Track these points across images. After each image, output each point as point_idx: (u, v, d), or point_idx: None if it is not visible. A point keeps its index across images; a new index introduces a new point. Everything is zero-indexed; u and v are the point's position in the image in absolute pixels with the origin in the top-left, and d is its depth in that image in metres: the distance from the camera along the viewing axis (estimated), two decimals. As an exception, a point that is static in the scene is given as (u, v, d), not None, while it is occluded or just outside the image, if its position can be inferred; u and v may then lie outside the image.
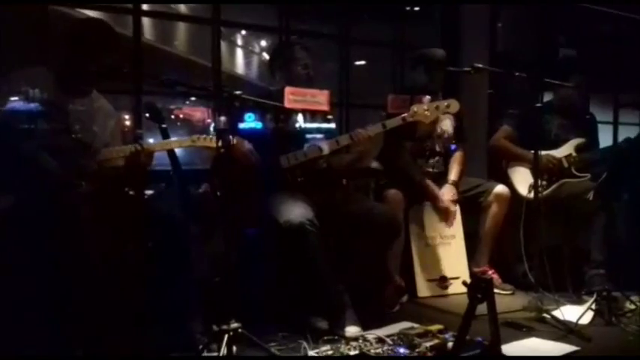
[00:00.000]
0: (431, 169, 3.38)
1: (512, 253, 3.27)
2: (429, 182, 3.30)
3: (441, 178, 3.38)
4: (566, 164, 3.47)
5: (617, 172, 3.30)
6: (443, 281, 3.34)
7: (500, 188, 3.33)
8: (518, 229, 3.14)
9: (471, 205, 3.39)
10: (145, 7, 3.49)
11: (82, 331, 2.16)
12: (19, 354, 2.08)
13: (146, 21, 9.85)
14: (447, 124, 3.43)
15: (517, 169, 3.52)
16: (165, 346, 2.28)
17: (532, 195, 3.07)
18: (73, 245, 2.13)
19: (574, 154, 3.49)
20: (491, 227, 3.34)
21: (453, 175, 3.39)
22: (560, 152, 3.50)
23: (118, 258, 2.31)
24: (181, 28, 13.82)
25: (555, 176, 3.45)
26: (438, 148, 3.42)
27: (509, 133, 3.60)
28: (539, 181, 3.11)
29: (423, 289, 3.30)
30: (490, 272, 3.32)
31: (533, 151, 3.05)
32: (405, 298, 3.17)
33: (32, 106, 2.26)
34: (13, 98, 2.25)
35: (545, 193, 3.34)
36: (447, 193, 3.31)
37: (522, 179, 3.44)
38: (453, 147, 3.49)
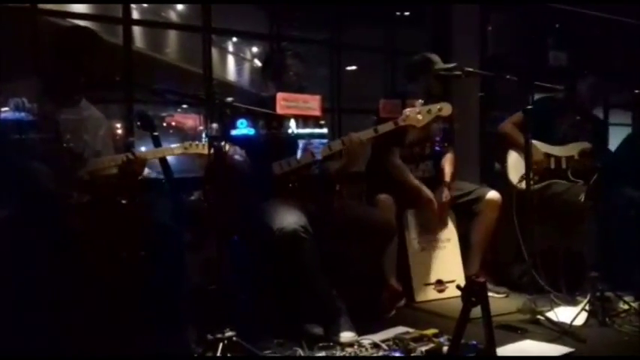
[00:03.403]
0: (422, 174, 3.37)
1: (506, 255, 3.27)
2: (423, 186, 3.28)
3: (432, 183, 3.36)
4: (564, 165, 3.45)
5: (606, 174, 3.28)
6: (439, 285, 3.34)
7: (491, 194, 3.31)
8: (512, 226, 3.06)
9: (464, 212, 3.38)
10: (135, 15, 3.48)
11: (76, 342, 2.14)
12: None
13: (137, 29, 9.84)
14: (434, 127, 3.39)
15: (515, 155, 3.48)
16: (159, 355, 2.26)
17: (522, 185, 3.04)
18: (66, 256, 2.12)
19: (576, 157, 3.46)
20: (482, 233, 3.32)
21: (446, 176, 3.39)
22: (562, 151, 3.47)
23: (111, 267, 2.29)
24: (172, 35, 13.83)
25: (548, 174, 3.43)
26: (427, 152, 3.41)
27: (519, 120, 3.43)
28: (532, 175, 3.02)
29: (420, 293, 3.30)
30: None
31: (535, 142, 3.04)
32: (402, 303, 3.16)
33: (21, 116, 2.25)
34: (3, 109, 2.24)
35: (535, 187, 3.30)
36: (440, 195, 3.30)
37: (516, 167, 3.42)
38: (440, 149, 3.47)
